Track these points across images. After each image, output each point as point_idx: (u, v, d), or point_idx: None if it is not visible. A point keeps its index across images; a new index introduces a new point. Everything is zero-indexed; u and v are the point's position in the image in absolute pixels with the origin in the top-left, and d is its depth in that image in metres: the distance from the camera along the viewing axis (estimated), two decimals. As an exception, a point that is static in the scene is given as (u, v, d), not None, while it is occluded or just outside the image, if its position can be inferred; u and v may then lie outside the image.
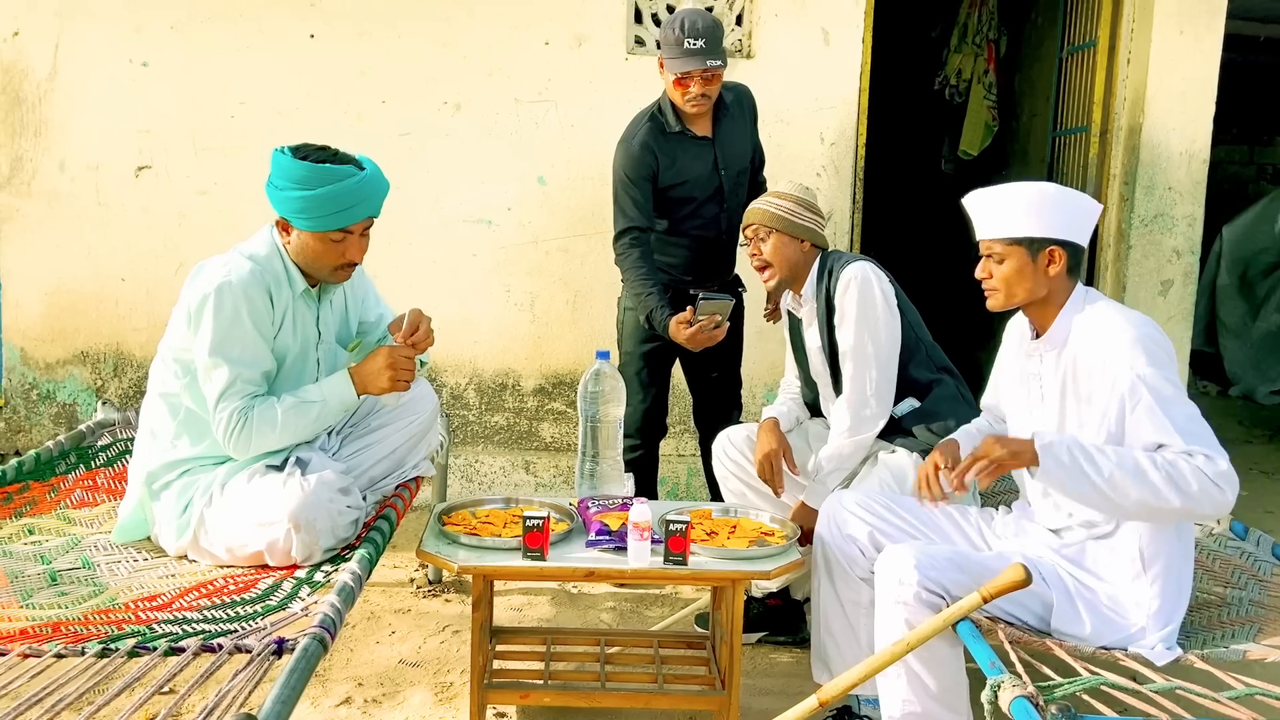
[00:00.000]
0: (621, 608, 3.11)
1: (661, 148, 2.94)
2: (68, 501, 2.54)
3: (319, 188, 2.20)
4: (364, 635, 2.87)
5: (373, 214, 2.31)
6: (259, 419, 2.20)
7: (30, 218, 3.90)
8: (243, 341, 2.19)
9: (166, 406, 2.28)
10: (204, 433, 2.25)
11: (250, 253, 2.28)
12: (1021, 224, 2.02)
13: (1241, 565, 2.36)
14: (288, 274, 2.30)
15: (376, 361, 2.30)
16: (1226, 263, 7.27)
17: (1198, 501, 1.84)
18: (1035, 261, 2.02)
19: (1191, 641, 2.03)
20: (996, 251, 2.05)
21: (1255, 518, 4.37)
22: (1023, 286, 2.05)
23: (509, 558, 2.16)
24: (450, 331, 3.95)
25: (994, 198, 2.06)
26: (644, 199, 2.95)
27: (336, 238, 2.26)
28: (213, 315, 2.17)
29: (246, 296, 2.19)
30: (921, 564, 1.94)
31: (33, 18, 3.82)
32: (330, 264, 2.29)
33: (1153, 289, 4.04)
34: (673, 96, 2.91)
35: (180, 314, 2.25)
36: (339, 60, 3.85)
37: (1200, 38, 3.87)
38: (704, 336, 2.79)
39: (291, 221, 2.25)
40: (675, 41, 2.80)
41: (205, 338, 2.17)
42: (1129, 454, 1.87)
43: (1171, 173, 3.96)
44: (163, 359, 2.30)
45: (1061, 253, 2.02)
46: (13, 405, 4.02)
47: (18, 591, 2.01)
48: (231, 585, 2.08)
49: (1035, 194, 2.04)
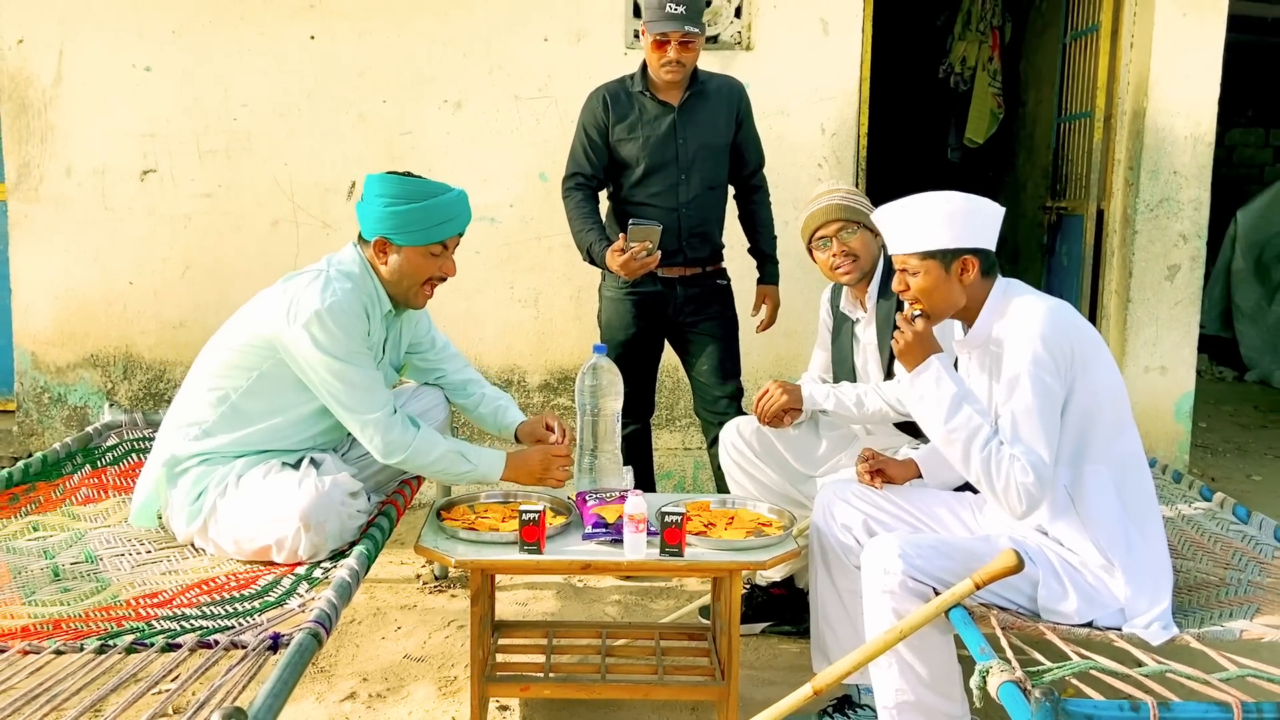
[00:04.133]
0: (626, 600, 3.12)
1: (617, 101, 3.05)
2: (73, 499, 2.57)
3: (422, 200, 2.30)
4: (370, 631, 2.90)
5: (461, 231, 2.41)
6: (422, 442, 2.33)
7: (38, 223, 3.94)
8: (363, 356, 2.29)
9: (214, 397, 2.32)
10: (240, 425, 2.31)
11: (345, 271, 2.34)
12: (933, 237, 2.04)
13: (1242, 548, 2.34)
14: (377, 294, 2.38)
15: (532, 457, 2.45)
16: (1241, 247, 7.21)
17: (999, 495, 1.96)
18: (949, 273, 2.05)
19: (1189, 620, 2.02)
20: (911, 266, 2.07)
21: (1267, 502, 4.35)
22: (942, 298, 2.07)
23: (506, 551, 2.18)
24: (454, 328, 3.97)
25: (903, 213, 2.08)
26: (592, 149, 3.07)
27: (436, 251, 2.35)
28: (332, 333, 2.22)
29: (354, 315, 2.27)
30: (906, 553, 1.94)
31: (37, 25, 3.86)
32: (424, 278, 2.37)
33: (1159, 274, 4.00)
34: (650, 62, 3.00)
35: (269, 317, 2.27)
36: (339, 61, 3.87)
37: (1204, 20, 3.84)
38: (636, 264, 2.86)
39: (392, 239, 2.31)
40: (658, 5, 2.89)
41: (324, 358, 2.23)
42: (975, 426, 1.98)
43: (1177, 157, 3.93)
44: (229, 346, 2.33)
45: (974, 260, 2.05)
46: (25, 409, 4.07)
47: (20, 588, 2.04)
48: (233, 582, 2.10)
49: (943, 206, 2.05)
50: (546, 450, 2.46)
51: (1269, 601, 2.07)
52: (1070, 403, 1.98)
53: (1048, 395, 1.94)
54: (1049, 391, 1.95)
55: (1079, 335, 2.00)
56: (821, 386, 2.69)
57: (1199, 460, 4.85)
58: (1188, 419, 4.09)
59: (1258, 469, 4.81)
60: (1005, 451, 1.95)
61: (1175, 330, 4.02)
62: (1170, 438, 4.08)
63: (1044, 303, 2.03)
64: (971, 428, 1.98)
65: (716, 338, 3.13)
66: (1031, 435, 1.94)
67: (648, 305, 3.11)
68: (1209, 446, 5.15)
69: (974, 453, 1.97)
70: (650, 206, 3.04)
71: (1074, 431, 2.00)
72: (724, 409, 3.13)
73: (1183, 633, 1.93)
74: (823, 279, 2.85)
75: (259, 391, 2.31)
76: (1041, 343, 1.95)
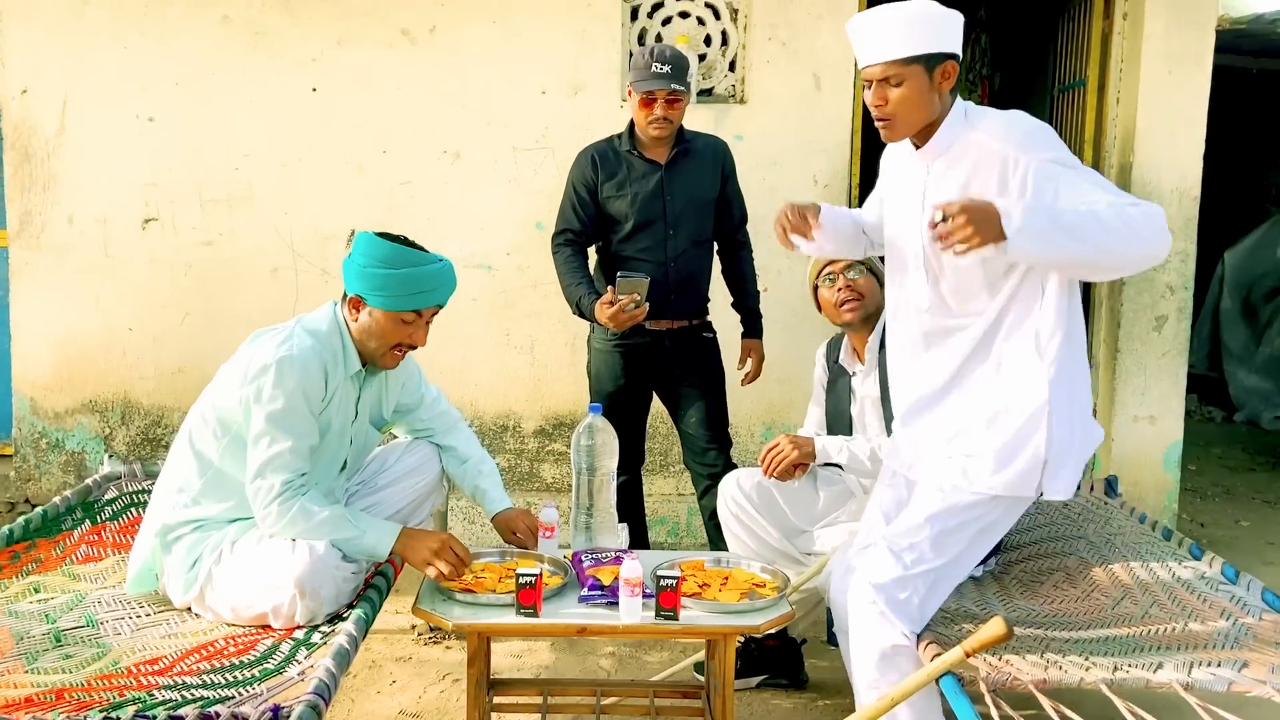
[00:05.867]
0: (620, 653, 3.14)
1: (605, 160, 3.12)
2: (73, 557, 2.59)
3: (403, 268, 2.30)
4: (365, 685, 2.91)
5: (441, 303, 2.40)
6: (302, 510, 2.23)
7: (40, 270, 3.99)
8: (297, 415, 2.25)
9: (197, 464, 2.33)
10: (228, 494, 2.31)
11: (312, 328, 2.35)
12: (918, 40, 1.96)
13: (1231, 608, 2.37)
14: (345, 353, 2.37)
15: (429, 541, 2.30)
16: (1229, 287, 7.30)
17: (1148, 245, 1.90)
18: (932, 80, 1.99)
19: (1178, 669, 2.04)
20: (894, 74, 1.97)
21: (1257, 549, 4.39)
22: (922, 109, 2.01)
23: (503, 614, 2.20)
24: (451, 374, 4.02)
25: (881, 18, 1.98)
26: (581, 206, 3.13)
27: (408, 318, 2.35)
28: (272, 386, 2.22)
29: (306, 372, 2.25)
30: (888, 614, 2.03)
31: (41, 75, 3.91)
32: (392, 344, 2.37)
33: (1147, 324, 4.06)
34: (637, 119, 3.06)
35: (233, 376, 2.30)
36: (340, 112, 3.93)
37: (1188, 77, 3.92)
38: (625, 316, 2.90)
39: (367, 299, 2.33)
40: (644, 65, 2.97)
41: (262, 407, 2.23)
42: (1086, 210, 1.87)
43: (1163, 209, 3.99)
44: (203, 416, 2.35)
45: (955, 65, 2.01)
46: (22, 454, 4.09)
47: (24, 654, 2.06)
48: (231, 647, 2.12)
49: (922, 9, 1.99)
50: (446, 543, 2.31)
51: (1256, 659, 2.11)
52: None
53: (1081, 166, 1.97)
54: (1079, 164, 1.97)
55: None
56: (834, 439, 2.71)
57: (1188, 505, 4.90)
58: (1176, 468, 4.14)
59: (1246, 514, 4.86)
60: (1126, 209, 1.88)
61: (1163, 380, 4.08)
62: (1159, 487, 4.13)
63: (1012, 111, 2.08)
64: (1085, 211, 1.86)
65: (704, 390, 3.17)
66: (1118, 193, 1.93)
67: (636, 357, 3.16)
68: (1198, 490, 5.20)
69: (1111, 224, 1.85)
70: (639, 261, 3.09)
71: None
72: (713, 460, 3.17)
73: (1171, 680, 1.96)
74: (816, 325, 2.90)
75: (236, 456, 2.31)
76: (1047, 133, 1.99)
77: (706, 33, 4.00)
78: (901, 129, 2.05)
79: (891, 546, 2.12)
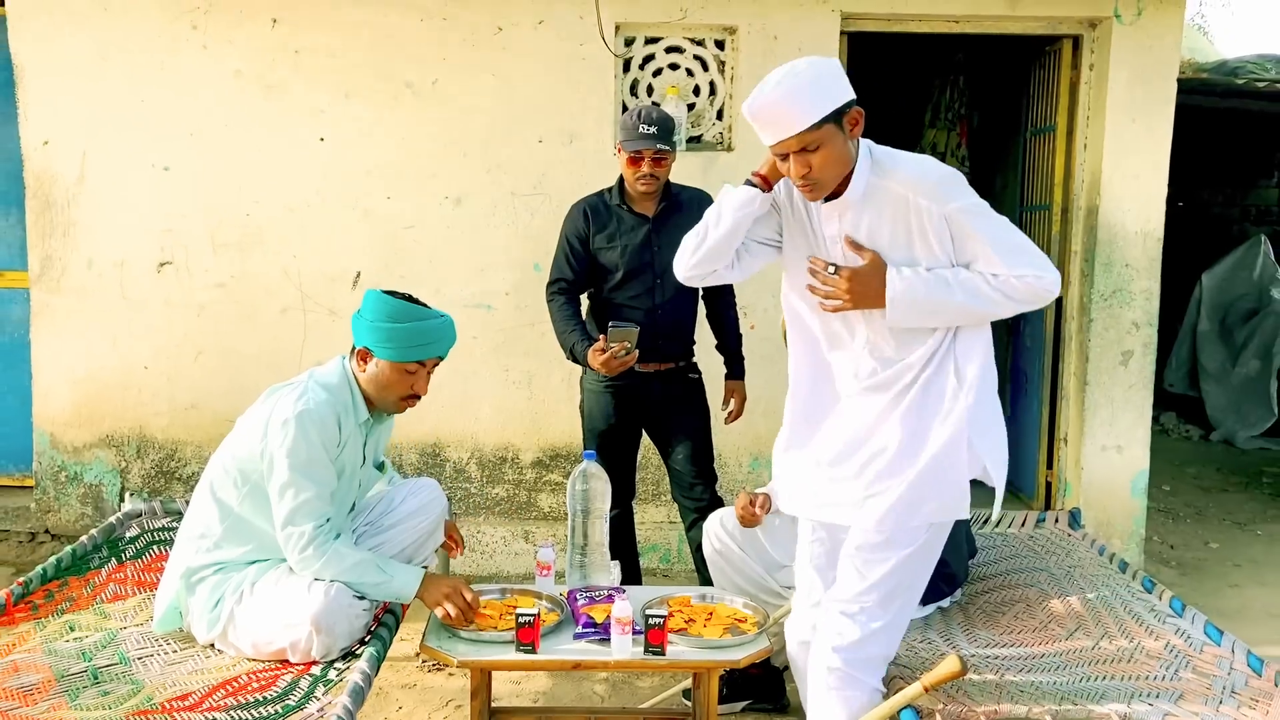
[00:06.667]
0: (614, 679, 3.33)
1: (597, 213, 3.31)
2: (103, 596, 2.78)
3: (408, 322, 2.52)
4: (373, 712, 3.10)
5: (441, 355, 2.61)
6: (334, 554, 2.43)
7: (60, 312, 4.18)
8: (318, 465, 2.45)
9: (218, 511, 2.53)
10: (247, 538, 2.51)
11: (324, 382, 2.55)
12: (820, 103, 1.97)
13: (1175, 641, 2.57)
14: (354, 403, 2.57)
15: (443, 586, 2.49)
16: (1206, 309, 7.50)
17: (1025, 305, 2.10)
18: (844, 131, 2.01)
19: (1119, 697, 2.24)
20: (810, 140, 1.98)
21: (1224, 571, 4.58)
22: (843, 163, 2.04)
23: (503, 651, 2.39)
24: (453, 409, 4.22)
25: (782, 92, 1.98)
26: (574, 257, 3.32)
27: (411, 369, 2.55)
28: (294, 439, 2.42)
29: (323, 424, 2.46)
30: (840, 647, 2.18)
31: (62, 127, 4.11)
32: (398, 394, 2.57)
33: (1114, 359, 4.27)
34: (626, 175, 3.25)
35: (253, 429, 2.50)
36: (347, 160, 4.14)
37: (1152, 126, 4.14)
38: (616, 362, 3.10)
39: (374, 351, 2.53)
40: (632, 127, 3.17)
41: (285, 459, 2.42)
42: (965, 279, 2.06)
43: (1128, 250, 4.21)
44: (224, 467, 2.55)
45: (859, 110, 2.04)
46: (42, 486, 4.28)
47: (65, 691, 2.25)
48: (255, 683, 2.31)
49: (810, 71, 1.99)
50: (458, 586, 2.50)
51: (1192, 691, 2.31)
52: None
53: (990, 212, 2.09)
54: (987, 210, 2.09)
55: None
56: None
57: (1159, 526, 5.09)
58: (1143, 495, 4.34)
59: (1216, 535, 5.05)
60: (1001, 278, 2.05)
61: (1129, 412, 4.28)
62: (1127, 512, 4.33)
63: (918, 155, 2.16)
64: (966, 282, 2.06)
65: (690, 429, 3.37)
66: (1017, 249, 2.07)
67: (626, 397, 3.35)
68: (1170, 511, 5.40)
69: (988, 295, 2.06)
70: (628, 308, 3.29)
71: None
72: (699, 495, 3.37)
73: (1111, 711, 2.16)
74: None
75: (255, 503, 2.51)
76: (956, 178, 2.08)
77: (695, 83, 4.21)
78: (827, 186, 2.06)
79: (844, 611, 2.21)
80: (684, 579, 4.15)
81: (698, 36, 4.19)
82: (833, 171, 2.04)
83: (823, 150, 1.99)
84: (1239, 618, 3.96)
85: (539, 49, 4.10)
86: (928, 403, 2.16)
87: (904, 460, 2.16)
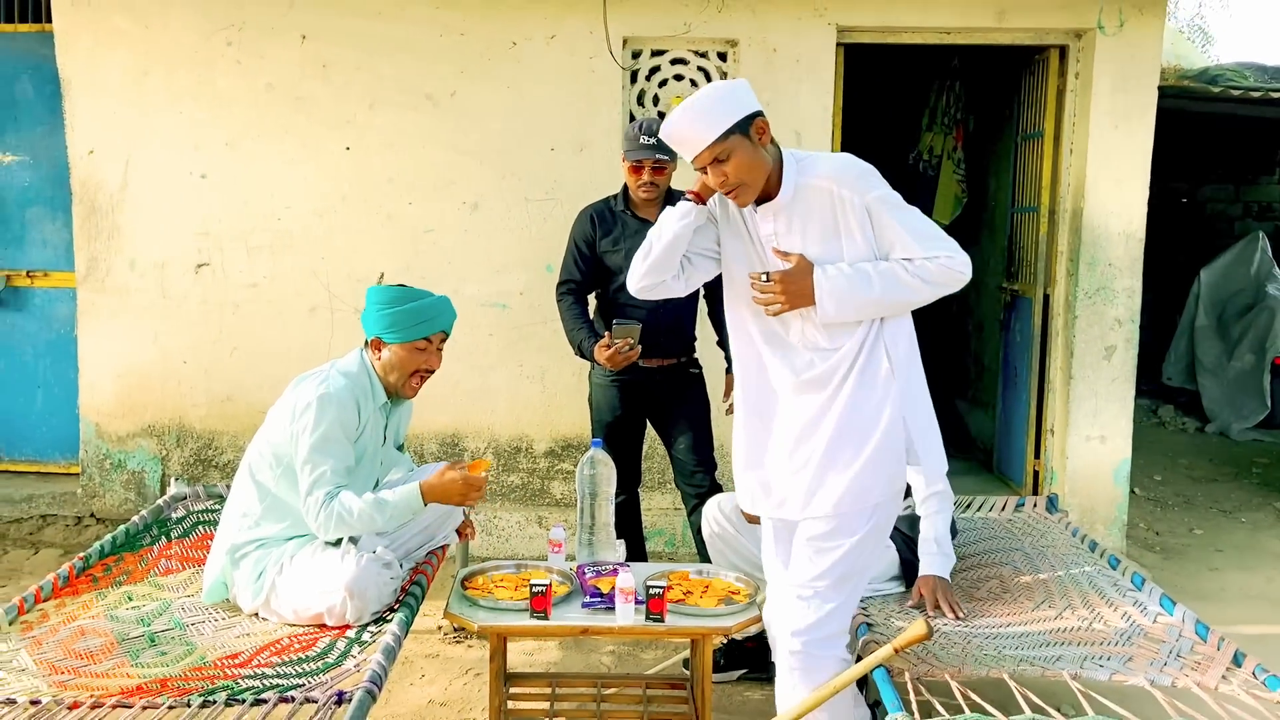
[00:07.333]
0: (620, 650, 3.59)
1: (603, 219, 3.56)
2: (155, 570, 3.06)
3: (406, 304, 2.81)
4: (399, 678, 3.37)
5: (445, 329, 2.89)
6: (341, 506, 2.69)
7: (104, 310, 4.47)
8: (335, 442, 2.72)
9: (257, 491, 2.81)
10: (284, 515, 2.78)
11: (344, 370, 2.83)
12: (723, 118, 2.18)
13: (1132, 611, 2.80)
14: (372, 388, 2.85)
15: (453, 483, 2.74)
16: (1204, 304, 7.67)
17: (943, 288, 2.28)
18: (752, 140, 2.21)
19: (1072, 661, 2.47)
20: (719, 151, 2.19)
21: (1205, 556, 4.79)
22: (759, 167, 2.23)
23: (519, 618, 2.65)
24: (470, 401, 4.49)
25: (687, 115, 2.20)
26: (582, 259, 3.56)
27: (420, 346, 2.83)
28: (314, 419, 2.70)
29: (341, 406, 2.73)
30: (799, 630, 2.37)
31: (106, 138, 4.40)
32: (411, 370, 2.84)
33: (1098, 354, 4.49)
34: (629, 183, 3.50)
35: (282, 416, 2.78)
36: (371, 168, 4.40)
37: (1133, 132, 4.35)
38: (621, 358, 3.33)
39: (383, 338, 2.82)
40: (633, 137, 3.42)
41: (306, 439, 2.70)
42: (884, 270, 2.26)
43: (1111, 250, 4.43)
44: (260, 451, 2.82)
45: (764, 121, 2.24)
46: (89, 473, 4.58)
47: (128, 653, 2.52)
48: (296, 645, 2.58)
49: (713, 92, 2.22)
50: (460, 479, 2.73)
51: (1141, 655, 2.54)
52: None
53: (901, 202, 2.28)
54: (900, 200, 2.28)
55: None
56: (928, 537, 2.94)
57: (1147, 514, 5.31)
58: (1125, 482, 4.56)
59: (1201, 523, 5.26)
60: (917, 262, 2.24)
61: (1113, 404, 4.50)
62: (1110, 499, 4.55)
63: (835, 154, 2.38)
64: (885, 272, 2.25)
65: (691, 420, 3.62)
66: (929, 235, 2.26)
67: (631, 391, 3.60)
68: (1159, 500, 5.61)
69: (908, 282, 2.25)
70: (632, 307, 3.52)
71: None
72: (700, 481, 3.61)
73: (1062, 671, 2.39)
74: None
75: (290, 483, 2.78)
76: (872, 173, 2.27)
77: (698, 93, 4.45)
78: (751, 191, 2.26)
79: (800, 595, 2.38)
80: (688, 561, 4.38)
81: (701, 49, 4.43)
82: (750, 176, 2.23)
83: (734, 159, 2.20)
84: (1216, 599, 4.18)
85: (551, 62, 4.35)
86: (864, 391, 2.33)
87: (849, 449, 2.32)
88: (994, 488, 5.14)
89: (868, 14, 4.35)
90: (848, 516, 2.35)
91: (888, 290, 2.26)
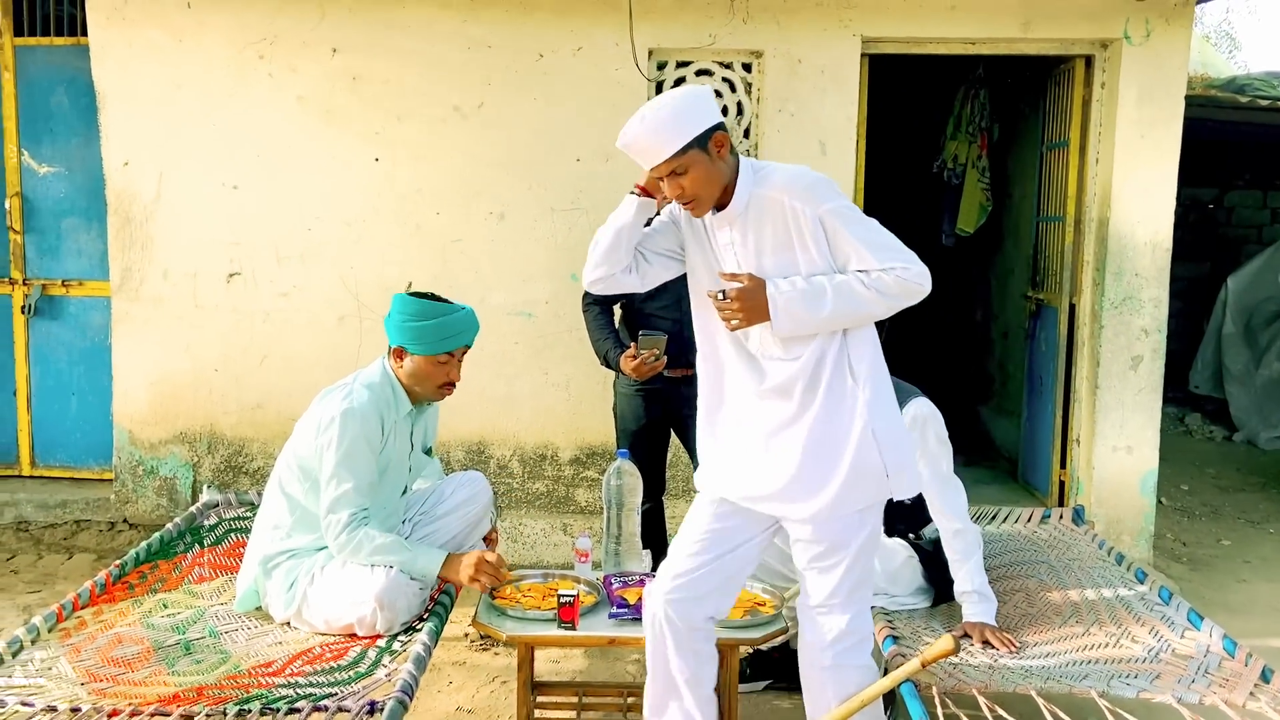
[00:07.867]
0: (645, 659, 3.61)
1: None
2: (190, 578, 3.11)
3: (432, 319, 2.83)
4: (427, 685, 3.41)
5: (468, 343, 2.92)
6: (364, 538, 2.73)
7: (138, 319, 4.55)
8: (359, 459, 2.75)
9: (287, 504, 2.85)
10: (314, 527, 2.83)
11: (367, 382, 2.86)
12: (682, 132, 2.19)
13: (1160, 627, 2.80)
14: (395, 397, 2.88)
15: (468, 560, 2.77)
16: (1231, 312, 7.61)
17: (901, 300, 2.25)
18: (710, 154, 2.23)
19: (1099, 680, 2.48)
20: (677, 165, 2.21)
21: (1233, 567, 4.76)
22: (714, 182, 2.24)
23: (546, 628, 2.69)
24: (496, 409, 4.53)
25: (647, 125, 2.20)
26: None
27: (443, 359, 2.85)
28: (338, 435, 2.74)
29: (365, 421, 2.77)
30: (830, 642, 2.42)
31: (140, 150, 4.47)
32: (435, 383, 2.87)
33: (1124, 364, 4.47)
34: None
35: (308, 429, 2.82)
36: (400, 179, 4.45)
37: (1160, 142, 4.33)
38: (646, 368, 3.35)
39: (407, 348, 2.84)
40: None
41: (330, 454, 2.75)
42: (839, 283, 2.23)
43: (1138, 260, 4.41)
44: (288, 464, 2.87)
45: (723, 133, 2.24)
46: (122, 479, 4.65)
47: (164, 660, 2.57)
48: (328, 654, 2.62)
49: (672, 105, 2.21)
50: (481, 559, 2.77)
51: (1169, 672, 2.54)
52: None
53: (856, 211, 2.27)
54: (855, 210, 2.28)
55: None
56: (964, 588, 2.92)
57: (1174, 524, 5.28)
58: (1152, 493, 4.54)
59: (1229, 533, 5.23)
60: (873, 274, 2.23)
61: (1139, 414, 4.48)
62: (1136, 510, 4.53)
63: (794, 165, 2.34)
64: (840, 286, 2.23)
65: None
66: (885, 246, 2.25)
67: (655, 400, 3.62)
68: (1187, 510, 5.57)
69: (863, 296, 2.22)
70: (657, 318, 3.56)
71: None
72: None
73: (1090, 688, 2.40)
74: None
75: (318, 496, 2.80)
76: (826, 184, 2.27)
77: (724, 104, 4.47)
78: (706, 204, 2.28)
79: (820, 612, 2.44)
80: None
81: (726, 60, 4.46)
82: (705, 190, 2.25)
83: (691, 173, 2.22)
84: (1244, 612, 4.15)
85: (577, 74, 4.39)
86: (833, 406, 2.32)
87: (825, 467, 2.32)
88: (1019, 497, 5.13)
89: (892, 25, 4.36)
90: (839, 531, 2.37)
91: (843, 303, 2.24)
